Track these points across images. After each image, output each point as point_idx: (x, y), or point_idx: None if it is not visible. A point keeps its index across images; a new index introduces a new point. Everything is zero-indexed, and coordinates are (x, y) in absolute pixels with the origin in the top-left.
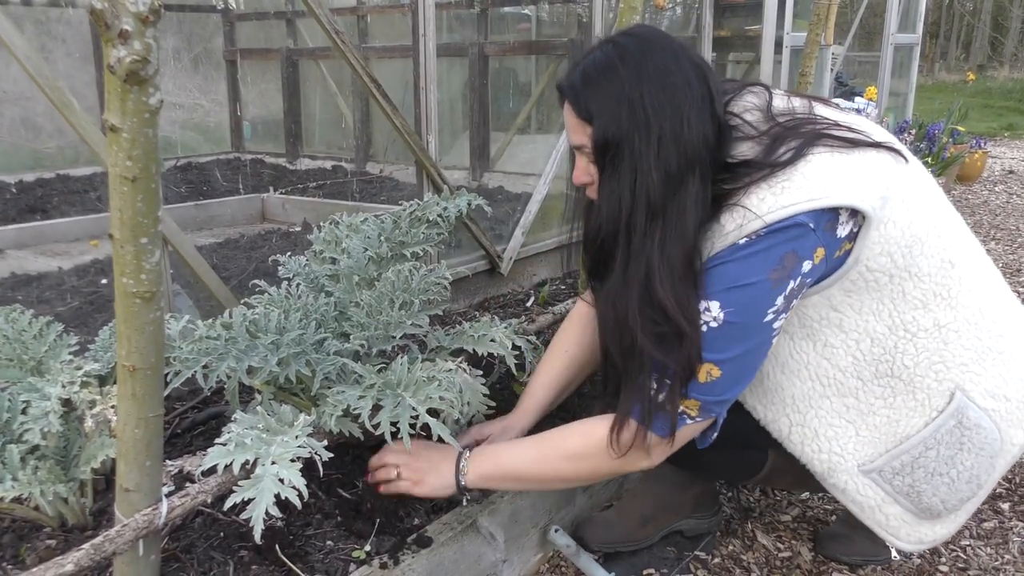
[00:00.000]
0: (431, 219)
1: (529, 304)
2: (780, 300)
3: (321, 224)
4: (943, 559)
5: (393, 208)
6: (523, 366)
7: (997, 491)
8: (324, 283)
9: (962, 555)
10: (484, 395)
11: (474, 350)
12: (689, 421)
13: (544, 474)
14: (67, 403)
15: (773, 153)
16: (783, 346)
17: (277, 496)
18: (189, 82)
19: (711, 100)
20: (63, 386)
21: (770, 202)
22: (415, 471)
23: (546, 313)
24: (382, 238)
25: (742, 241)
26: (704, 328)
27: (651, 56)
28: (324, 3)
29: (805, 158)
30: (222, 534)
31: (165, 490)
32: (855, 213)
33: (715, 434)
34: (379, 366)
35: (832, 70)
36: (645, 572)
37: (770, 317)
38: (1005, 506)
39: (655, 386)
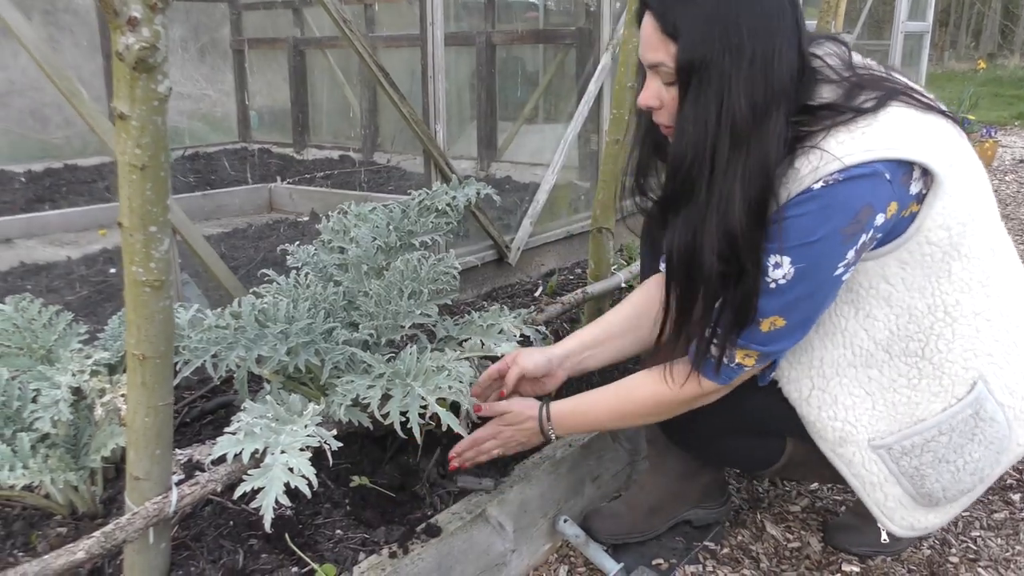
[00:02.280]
0: (440, 208)
1: (537, 294)
2: (851, 254)
3: (329, 214)
4: (953, 550)
5: (401, 198)
6: None
7: (1008, 482)
8: (333, 272)
9: (972, 546)
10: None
11: (482, 341)
12: (747, 370)
13: (613, 420)
14: (77, 392)
15: (855, 99)
16: None
17: (287, 485)
18: (196, 72)
19: (799, 33)
20: (73, 375)
21: (849, 146)
22: (507, 438)
23: (555, 303)
24: (391, 227)
25: (817, 186)
26: (773, 285)
27: None
28: None
29: (886, 109)
30: (232, 523)
31: (175, 479)
32: (926, 173)
33: (773, 372)
34: (388, 356)
35: None
36: (654, 562)
37: (840, 271)
38: (1016, 497)
39: (711, 331)
